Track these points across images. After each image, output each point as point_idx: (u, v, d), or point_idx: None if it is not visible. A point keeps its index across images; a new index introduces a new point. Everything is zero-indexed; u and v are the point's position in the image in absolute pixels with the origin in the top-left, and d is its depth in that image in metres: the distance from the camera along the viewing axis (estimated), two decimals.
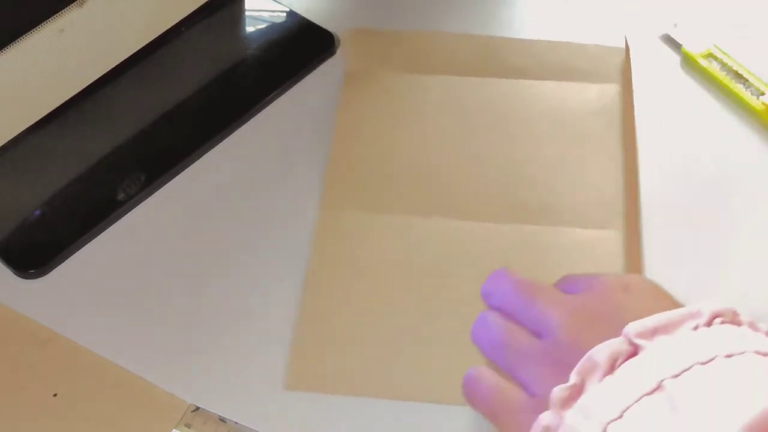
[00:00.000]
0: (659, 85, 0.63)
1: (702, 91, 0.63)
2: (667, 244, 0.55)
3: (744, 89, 0.61)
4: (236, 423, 0.48)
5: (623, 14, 0.68)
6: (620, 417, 0.33)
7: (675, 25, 0.65)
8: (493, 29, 0.67)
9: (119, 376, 0.50)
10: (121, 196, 0.57)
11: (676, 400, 0.32)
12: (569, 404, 0.35)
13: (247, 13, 0.69)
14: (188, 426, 0.48)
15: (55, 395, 0.49)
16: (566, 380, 0.35)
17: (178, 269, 0.55)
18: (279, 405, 0.49)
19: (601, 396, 0.34)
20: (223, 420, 0.48)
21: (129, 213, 0.57)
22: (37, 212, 0.57)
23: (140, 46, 0.62)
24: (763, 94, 0.61)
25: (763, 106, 0.60)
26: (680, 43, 0.64)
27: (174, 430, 0.48)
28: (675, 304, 0.38)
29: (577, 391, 0.35)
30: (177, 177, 0.59)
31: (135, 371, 0.50)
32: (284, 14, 0.68)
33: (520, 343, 0.40)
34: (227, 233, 0.56)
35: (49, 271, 0.55)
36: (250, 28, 0.68)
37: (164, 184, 0.59)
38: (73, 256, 0.55)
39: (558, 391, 0.35)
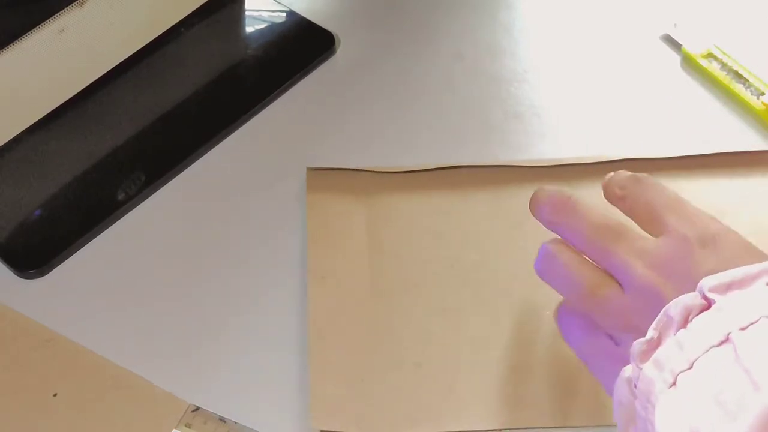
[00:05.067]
0: (659, 85, 0.63)
1: (702, 91, 0.63)
2: None
3: (744, 89, 0.61)
4: (236, 423, 0.48)
5: (623, 14, 0.68)
6: (690, 368, 0.35)
7: (675, 25, 0.65)
8: (494, 31, 0.67)
9: (119, 376, 0.50)
10: (121, 196, 0.57)
11: (739, 350, 0.34)
12: (646, 357, 0.36)
13: (247, 13, 0.69)
14: (188, 426, 0.48)
15: (55, 395, 0.49)
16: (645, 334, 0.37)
17: (178, 269, 0.55)
18: (279, 405, 0.49)
19: (674, 348, 0.36)
20: (223, 420, 0.48)
21: (129, 213, 0.57)
22: (37, 212, 0.57)
23: (140, 46, 0.62)
24: (763, 94, 0.61)
25: (763, 106, 0.60)
26: (680, 43, 0.64)
27: (174, 430, 0.48)
28: (759, 258, 0.39)
29: (654, 344, 0.37)
30: (177, 177, 0.59)
31: (135, 371, 0.50)
32: (284, 14, 0.68)
33: (602, 293, 0.42)
34: (227, 233, 0.56)
35: (49, 271, 0.55)
36: (250, 28, 0.68)
37: (164, 184, 0.59)
38: (73, 256, 0.55)
39: (637, 345, 0.37)
